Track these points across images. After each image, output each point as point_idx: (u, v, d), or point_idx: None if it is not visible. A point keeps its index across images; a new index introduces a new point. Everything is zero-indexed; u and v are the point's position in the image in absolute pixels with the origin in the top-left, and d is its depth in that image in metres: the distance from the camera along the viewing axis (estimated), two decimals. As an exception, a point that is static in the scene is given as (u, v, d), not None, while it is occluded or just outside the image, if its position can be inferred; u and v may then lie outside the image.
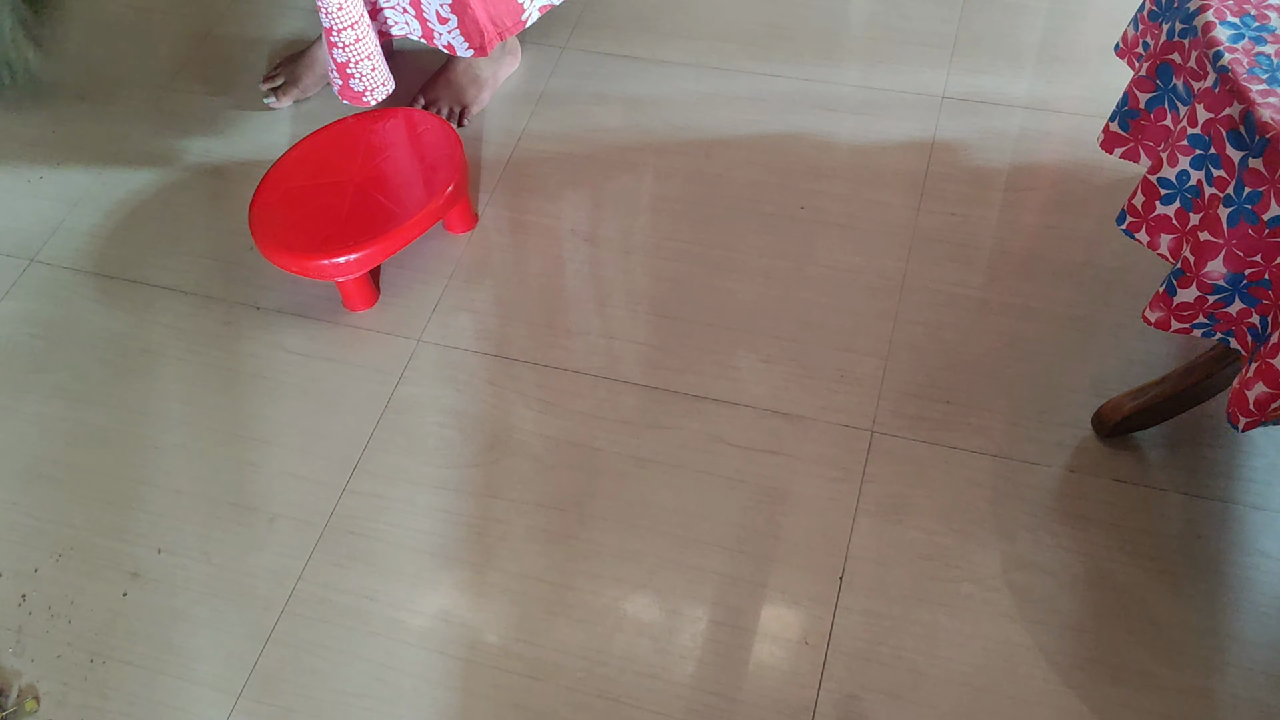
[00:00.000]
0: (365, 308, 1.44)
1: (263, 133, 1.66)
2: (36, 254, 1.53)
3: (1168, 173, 0.98)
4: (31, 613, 1.20)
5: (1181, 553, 1.17)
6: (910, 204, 1.50)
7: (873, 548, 1.19)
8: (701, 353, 1.37)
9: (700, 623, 1.15)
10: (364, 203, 1.39)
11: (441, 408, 1.34)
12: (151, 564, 1.23)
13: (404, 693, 1.13)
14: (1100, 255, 1.43)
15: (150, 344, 1.42)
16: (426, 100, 1.64)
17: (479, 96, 1.66)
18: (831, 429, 1.29)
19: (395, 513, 1.25)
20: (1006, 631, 1.13)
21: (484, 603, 1.18)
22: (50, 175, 1.63)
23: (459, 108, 1.64)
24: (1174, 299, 0.98)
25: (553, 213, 1.53)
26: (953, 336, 1.36)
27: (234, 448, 1.32)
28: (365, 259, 1.36)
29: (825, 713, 1.09)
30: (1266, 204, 0.87)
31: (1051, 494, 1.22)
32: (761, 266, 1.45)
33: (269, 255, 1.37)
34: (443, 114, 1.63)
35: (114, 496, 1.28)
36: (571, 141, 1.62)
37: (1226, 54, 0.91)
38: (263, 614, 1.19)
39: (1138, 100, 1.06)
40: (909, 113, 1.62)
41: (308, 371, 1.38)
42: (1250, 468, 1.23)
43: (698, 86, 1.68)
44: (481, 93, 1.66)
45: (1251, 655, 1.10)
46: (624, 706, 1.10)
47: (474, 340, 1.40)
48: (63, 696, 1.14)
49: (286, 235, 1.37)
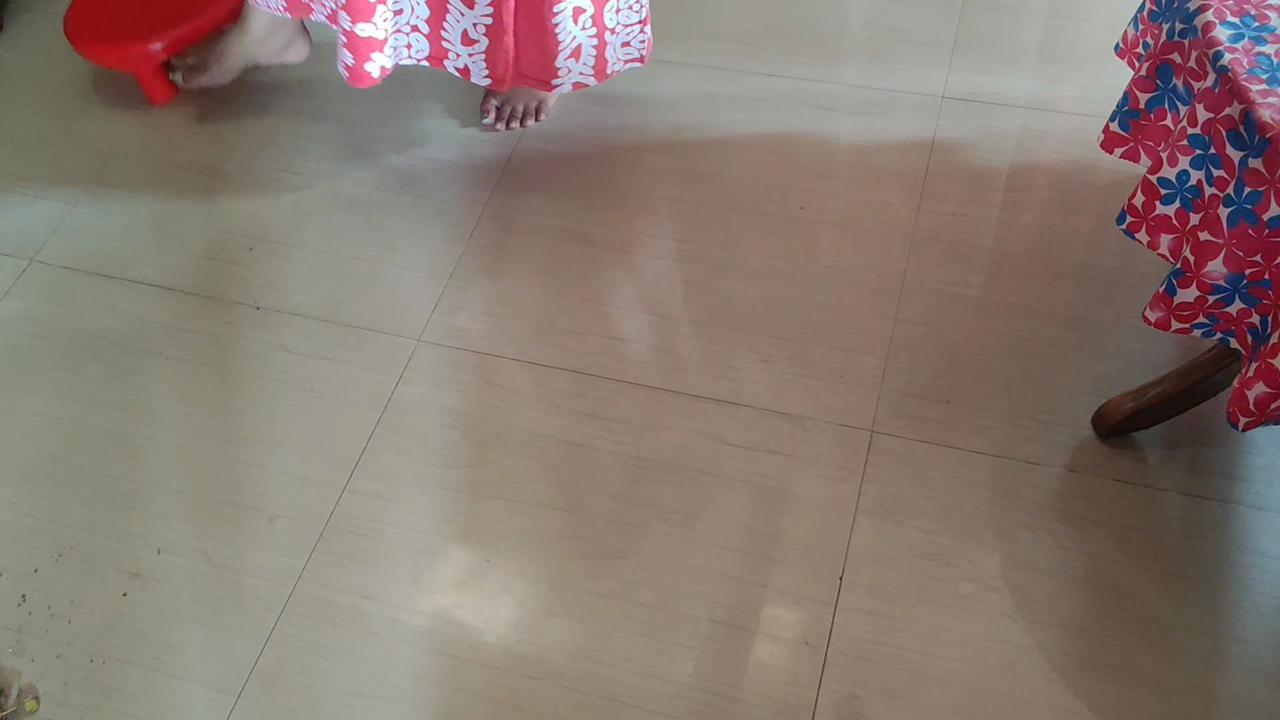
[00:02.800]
0: (165, 99, 1.69)
1: (263, 133, 1.66)
2: (36, 254, 1.53)
3: (1168, 173, 0.98)
4: (31, 613, 1.20)
5: (1181, 553, 1.17)
6: (910, 204, 1.50)
7: (873, 548, 1.19)
8: (701, 353, 1.37)
9: (700, 623, 1.15)
10: None
11: (441, 408, 1.34)
12: (151, 564, 1.23)
13: (404, 693, 1.13)
14: (1100, 255, 1.43)
15: (150, 344, 1.42)
16: (499, 103, 1.61)
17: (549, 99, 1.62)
18: (831, 429, 1.29)
19: (395, 513, 1.25)
20: (1006, 631, 1.13)
21: (484, 603, 1.18)
22: (50, 175, 1.63)
23: (535, 102, 1.61)
24: (1174, 299, 0.98)
25: (552, 213, 1.53)
26: (953, 336, 1.36)
27: (234, 448, 1.32)
28: (168, 45, 1.62)
29: (825, 713, 1.09)
30: (1266, 204, 0.87)
31: (1051, 494, 1.22)
32: (761, 266, 1.45)
33: (83, 49, 1.62)
34: (518, 114, 1.59)
35: (114, 496, 1.28)
36: (571, 141, 1.62)
37: (1226, 54, 0.91)
38: (263, 614, 1.19)
39: (1138, 100, 1.06)
40: (909, 113, 1.62)
41: (308, 371, 1.38)
42: (1250, 468, 1.23)
43: (698, 86, 1.68)
44: None
45: (1251, 655, 1.10)
46: (624, 706, 1.10)
47: (474, 340, 1.40)
48: (63, 696, 1.14)
49: (98, 27, 1.62)
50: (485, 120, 1.61)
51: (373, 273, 1.48)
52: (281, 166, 1.61)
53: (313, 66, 1.74)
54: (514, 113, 1.61)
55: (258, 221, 1.55)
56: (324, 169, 1.60)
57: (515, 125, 1.61)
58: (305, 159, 1.62)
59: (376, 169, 1.60)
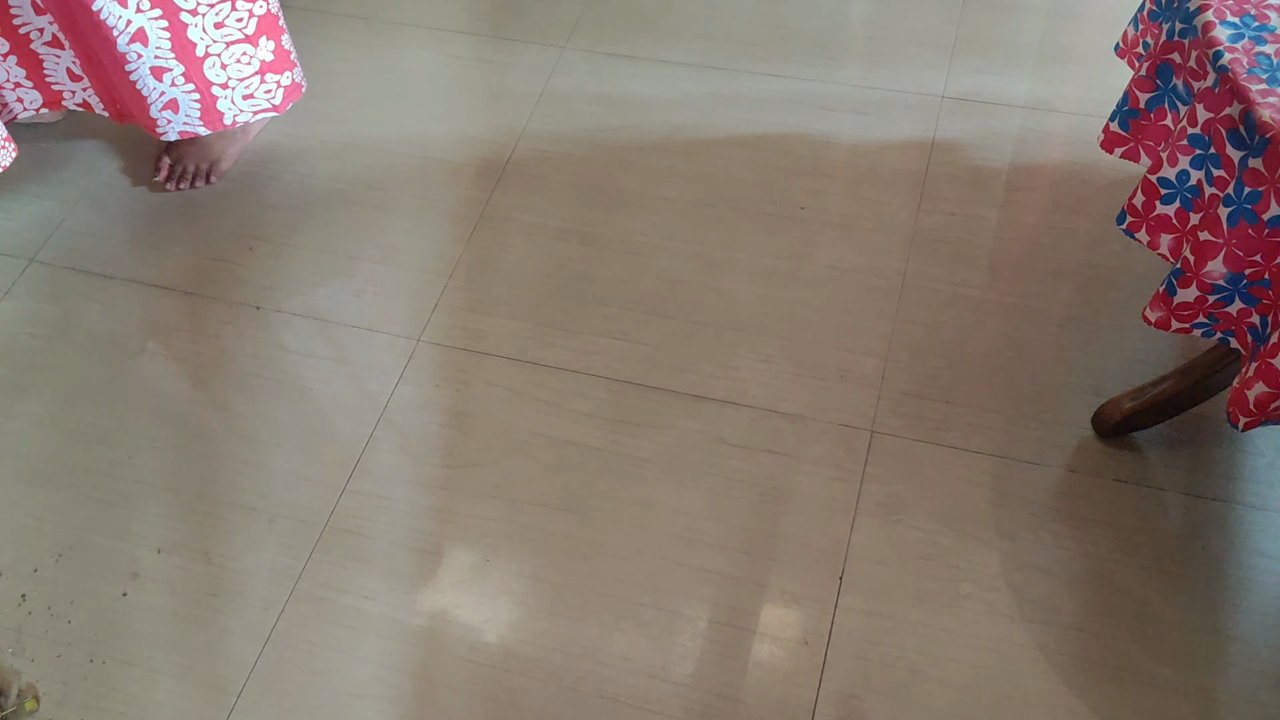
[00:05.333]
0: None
1: (262, 135, 1.66)
2: (36, 254, 1.53)
3: (1168, 172, 0.98)
4: (31, 613, 1.20)
5: (1181, 553, 1.17)
6: (910, 204, 1.50)
7: (873, 548, 1.19)
8: (701, 353, 1.37)
9: (700, 623, 1.15)
10: None
11: (441, 408, 1.34)
12: (151, 564, 1.23)
13: (404, 693, 1.13)
14: (1100, 255, 1.43)
15: (150, 344, 1.42)
16: (172, 160, 1.58)
17: (227, 151, 1.58)
18: (831, 429, 1.29)
19: (395, 513, 1.25)
20: (1006, 631, 1.13)
21: (484, 603, 1.18)
22: (50, 175, 1.63)
23: (206, 165, 1.57)
24: (1174, 299, 0.98)
25: (552, 213, 1.53)
26: (953, 336, 1.36)
27: (234, 448, 1.32)
28: None
29: (825, 713, 1.09)
30: (1266, 204, 0.87)
31: (1051, 494, 1.22)
32: (761, 266, 1.45)
33: None
34: (189, 173, 1.57)
35: (114, 496, 1.28)
36: (571, 141, 1.62)
37: (1226, 54, 0.91)
38: (262, 614, 1.19)
39: (1138, 100, 1.06)
40: (909, 113, 1.62)
41: (308, 371, 1.38)
42: (1250, 468, 1.23)
43: (698, 86, 1.68)
44: (231, 147, 1.59)
45: (1251, 655, 1.10)
46: (624, 706, 1.10)
47: (474, 340, 1.40)
48: (63, 696, 1.14)
49: None
50: (156, 178, 1.59)
51: (373, 273, 1.48)
52: (281, 166, 1.61)
53: (312, 66, 1.74)
54: (184, 173, 1.58)
55: (258, 221, 1.55)
56: (324, 169, 1.60)
57: (185, 186, 1.57)
58: (305, 159, 1.62)
59: (377, 169, 1.60)
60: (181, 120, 1.45)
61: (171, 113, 1.43)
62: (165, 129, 1.46)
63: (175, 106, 1.43)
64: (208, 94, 1.43)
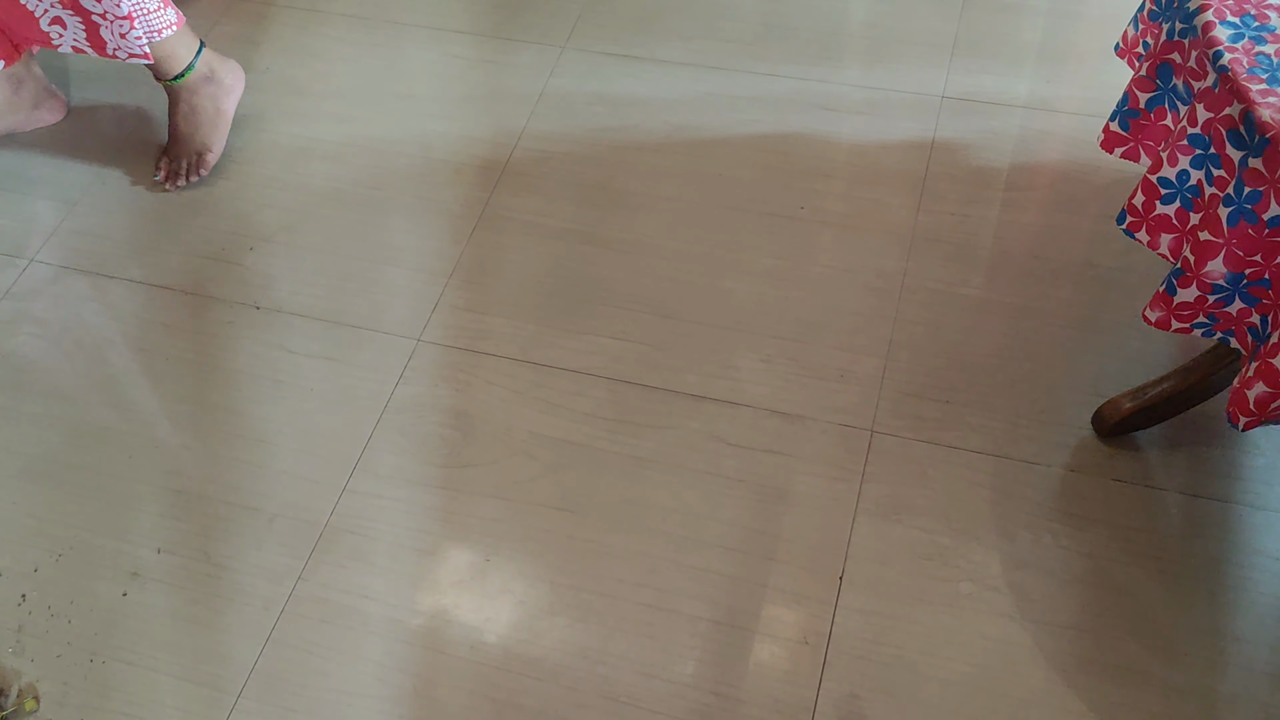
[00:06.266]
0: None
1: (263, 135, 1.66)
2: (36, 254, 1.53)
3: (1168, 172, 0.98)
4: (31, 612, 1.20)
5: (1181, 553, 1.17)
6: (910, 204, 1.50)
7: (873, 548, 1.19)
8: (701, 353, 1.37)
9: (700, 622, 1.15)
10: None
11: (441, 408, 1.34)
12: (151, 564, 1.23)
13: (404, 693, 1.13)
14: (1100, 255, 1.43)
15: (150, 344, 1.42)
16: (169, 158, 1.59)
17: (210, 141, 1.58)
18: (831, 429, 1.29)
19: (395, 513, 1.25)
20: (1006, 631, 1.13)
21: (484, 603, 1.18)
22: (50, 175, 1.63)
23: (194, 156, 1.58)
24: (1174, 299, 0.98)
25: (552, 213, 1.53)
26: (953, 336, 1.36)
27: (234, 448, 1.32)
28: None
29: (825, 712, 1.09)
30: (1266, 203, 0.87)
31: (1051, 494, 1.22)
32: (761, 266, 1.45)
33: None
34: (181, 170, 1.58)
35: (114, 496, 1.28)
36: (571, 141, 1.62)
37: (1226, 54, 0.91)
38: (263, 614, 1.19)
39: (1138, 100, 1.06)
40: (909, 113, 1.62)
41: (308, 371, 1.38)
42: (1250, 468, 1.23)
43: (698, 86, 1.68)
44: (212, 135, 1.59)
45: (1251, 655, 1.10)
46: (624, 706, 1.10)
47: (474, 340, 1.40)
48: (63, 696, 1.14)
49: None
50: (156, 178, 1.60)
51: (373, 273, 1.48)
52: (281, 166, 1.61)
53: (312, 65, 1.74)
54: (177, 170, 1.58)
55: (258, 221, 1.55)
56: (323, 169, 1.60)
57: (181, 183, 1.58)
58: (305, 159, 1.62)
59: (376, 169, 1.60)
60: (71, 38, 1.46)
61: (60, 29, 1.45)
62: (59, 41, 1.47)
63: (62, 24, 1.44)
64: (89, 20, 1.44)
